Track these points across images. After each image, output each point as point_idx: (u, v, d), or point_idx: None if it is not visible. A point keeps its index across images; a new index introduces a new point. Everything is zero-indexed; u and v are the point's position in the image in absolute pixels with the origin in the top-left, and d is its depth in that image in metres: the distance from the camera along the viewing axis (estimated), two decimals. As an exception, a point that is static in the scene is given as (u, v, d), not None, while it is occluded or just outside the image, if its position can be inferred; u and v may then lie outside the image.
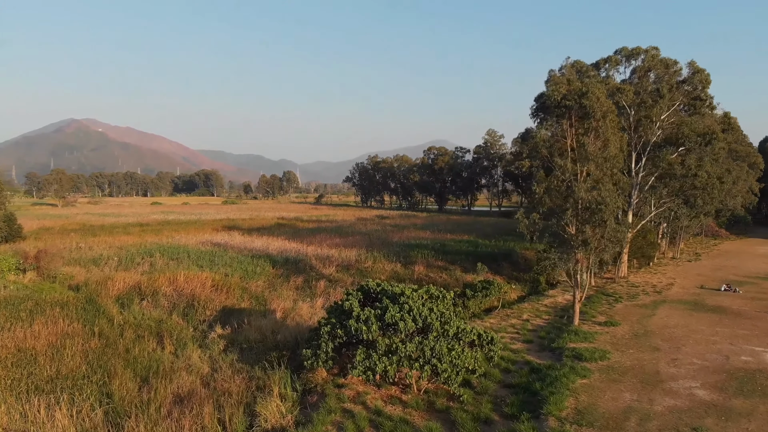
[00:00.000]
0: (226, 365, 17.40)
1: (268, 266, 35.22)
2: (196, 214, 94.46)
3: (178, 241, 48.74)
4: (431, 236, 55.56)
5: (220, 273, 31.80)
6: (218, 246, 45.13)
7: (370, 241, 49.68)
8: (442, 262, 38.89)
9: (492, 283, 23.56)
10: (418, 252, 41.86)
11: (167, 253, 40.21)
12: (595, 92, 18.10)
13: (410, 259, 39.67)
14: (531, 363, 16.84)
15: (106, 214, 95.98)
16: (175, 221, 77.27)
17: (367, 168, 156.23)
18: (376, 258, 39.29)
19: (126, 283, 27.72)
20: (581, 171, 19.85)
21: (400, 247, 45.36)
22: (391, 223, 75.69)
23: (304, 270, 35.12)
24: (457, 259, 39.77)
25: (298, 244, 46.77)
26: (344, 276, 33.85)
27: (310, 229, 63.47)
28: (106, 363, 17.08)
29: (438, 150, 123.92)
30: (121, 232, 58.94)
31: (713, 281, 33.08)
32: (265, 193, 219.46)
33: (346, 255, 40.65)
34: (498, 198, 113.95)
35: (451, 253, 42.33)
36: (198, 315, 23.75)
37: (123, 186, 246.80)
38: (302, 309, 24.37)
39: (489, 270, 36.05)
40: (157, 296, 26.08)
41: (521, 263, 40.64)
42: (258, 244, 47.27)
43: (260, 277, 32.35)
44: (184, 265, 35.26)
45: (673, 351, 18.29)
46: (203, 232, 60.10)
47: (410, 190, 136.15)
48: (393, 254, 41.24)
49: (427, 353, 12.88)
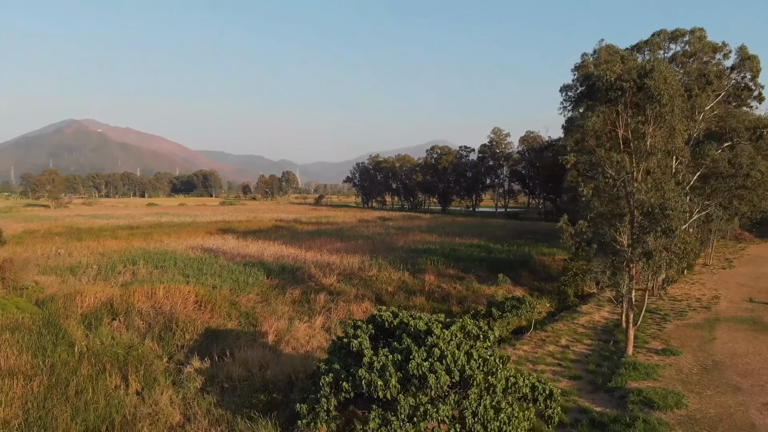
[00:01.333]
0: (202, 412, 13.84)
1: (261, 276, 31.62)
2: (191, 216, 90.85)
3: (167, 246, 45.16)
4: (438, 240, 51.96)
5: (207, 285, 28.20)
6: (209, 252, 41.52)
7: (374, 246, 46.09)
8: (455, 270, 35.27)
9: (523, 301, 19.94)
10: (426, 258, 38.25)
11: (153, 260, 36.63)
12: (662, 71, 14.52)
13: (419, 267, 36.09)
14: (589, 412, 13.25)
15: (98, 215, 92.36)
16: (167, 223, 73.68)
17: (368, 168, 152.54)
18: (382, 265, 35.68)
19: (97, 298, 24.09)
20: (638, 168, 16.25)
21: (406, 253, 41.78)
22: (394, 226, 72.09)
23: (302, 280, 31.54)
24: (470, 266, 36.16)
25: (296, 249, 43.18)
26: (347, 287, 30.25)
27: (310, 233, 59.89)
28: (48, 413, 13.49)
29: (441, 149, 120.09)
30: (109, 235, 55.32)
31: (760, 293, 29.51)
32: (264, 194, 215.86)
33: (348, 262, 37.09)
34: (504, 198, 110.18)
35: (462, 259, 38.73)
36: (176, 339, 20.15)
37: (120, 187, 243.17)
38: (299, 330, 20.78)
39: (508, 280, 32.51)
40: (131, 314, 22.48)
41: (540, 271, 37.09)
42: (253, 249, 43.67)
43: (252, 289, 28.75)
44: (169, 274, 31.70)
45: (758, 391, 14.72)
46: (196, 235, 56.53)
47: (412, 191, 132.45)
48: (399, 261, 37.66)
49: (468, 420, 9.29)
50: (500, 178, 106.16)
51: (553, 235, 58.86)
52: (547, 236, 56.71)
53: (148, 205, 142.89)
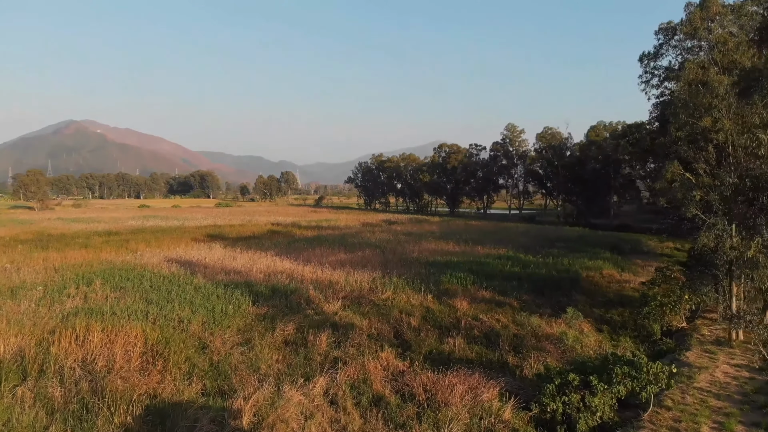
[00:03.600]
0: None
1: (246, 302, 24.59)
2: (181, 219, 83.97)
3: (140, 259, 38.23)
4: (457, 249, 44.96)
5: (171, 319, 21.24)
6: (187, 266, 34.54)
7: (384, 258, 39.12)
8: (488, 291, 28.19)
9: (638, 365, 12.79)
10: (450, 275, 31.25)
11: (115, 278, 29.70)
12: None
13: (442, 286, 29.14)
14: None
15: (80, 219, 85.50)
16: (152, 228, 66.75)
17: (371, 168, 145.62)
18: (397, 285, 28.68)
19: (7, 347, 17.07)
20: None
21: (424, 267, 34.85)
22: (402, 231, 65.09)
23: (298, 306, 24.55)
24: (506, 286, 29.11)
25: (291, 262, 36.20)
26: (355, 317, 23.23)
27: (309, 239, 52.93)
28: None
29: (450, 147, 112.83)
30: (79, 244, 48.37)
31: None
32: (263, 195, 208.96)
33: (355, 279, 30.14)
34: (519, 200, 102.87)
35: (494, 276, 31.73)
36: (99, 425, 13.09)
37: (115, 188, 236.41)
38: (289, 407, 13.74)
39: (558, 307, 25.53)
40: (46, 374, 15.48)
41: (593, 292, 30.06)
42: (240, 262, 36.70)
43: (233, 322, 21.75)
44: (128, 299, 24.74)
45: None
46: (179, 243, 49.61)
47: (418, 192, 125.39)
48: (417, 278, 30.73)
49: None
50: (514, 178, 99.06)
51: (587, 242, 51.87)
52: (580, 244, 49.69)
53: (140, 207, 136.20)
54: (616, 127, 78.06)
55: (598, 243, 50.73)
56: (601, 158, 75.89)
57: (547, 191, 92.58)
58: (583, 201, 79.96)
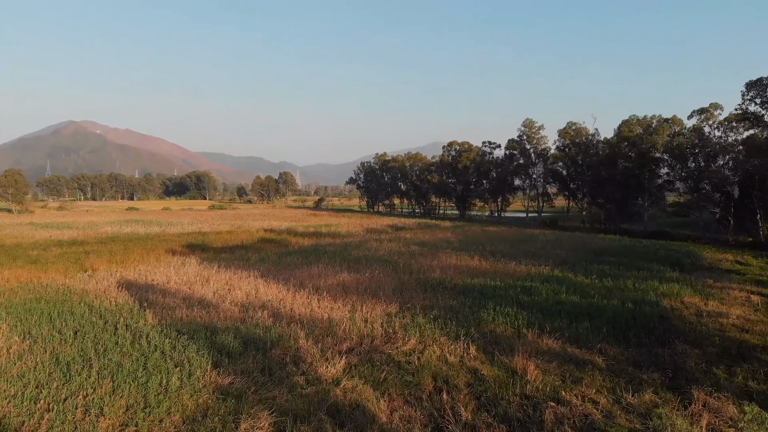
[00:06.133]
0: None
1: (203, 363, 16.34)
2: (165, 225, 75.71)
3: (86, 282, 30.14)
4: (486, 266, 36.68)
5: (69, 411, 13.06)
6: (142, 293, 26.34)
7: (398, 279, 30.86)
8: (554, 338, 19.90)
9: None
10: (494, 310, 22.99)
11: (33, 317, 21.56)
12: None
13: (485, 327, 20.95)
14: None
15: (52, 224, 77.30)
16: (126, 236, 58.53)
17: (374, 168, 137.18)
18: (423, 327, 20.45)
19: None
20: None
21: (453, 294, 26.62)
22: (413, 239, 56.80)
23: (282, 371, 16.35)
24: (576, 330, 20.85)
25: (279, 287, 27.97)
26: (367, 391, 14.99)
27: (305, 251, 44.68)
28: None
29: (461, 145, 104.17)
30: (28, 258, 40.32)
31: None
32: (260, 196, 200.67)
33: (364, 317, 21.93)
34: (537, 202, 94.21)
35: (550, 310, 23.50)
36: None
37: (108, 189, 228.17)
38: None
39: (663, 366, 17.38)
40: None
41: (693, 336, 21.67)
42: (213, 286, 28.46)
43: (174, 406, 13.56)
44: (28, 360, 16.58)
45: None
46: (150, 255, 41.45)
47: (425, 194, 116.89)
48: (448, 313, 22.60)
49: None
50: (533, 178, 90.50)
51: (637, 255, 43.54)
52: (630, 258, 41.36)
53: (127, 210, 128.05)
54: (650, 122, 69.81)
55: (649, 256, 42.47)
56: (635, 156, 67.65)
57: (570, 192, 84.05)
58: (613, 204, 71.59)
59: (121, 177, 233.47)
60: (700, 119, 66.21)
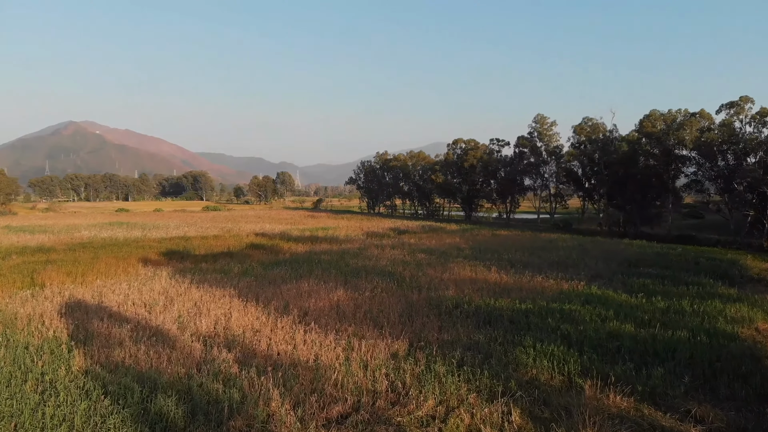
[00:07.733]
0: None
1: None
2: (148, 228, 70.38)
3: (25, 303, 24.81)
4: (507, 280, 31.27)
5: None
6: (84, 321, 20.95)
7: (405, 299, 25.42)
8: (620, 393, 14.50)
9: None
10: (534, 348, 17.59)
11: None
12: None
13: (525, 374, 15.63)
14: None
15: (28, 227, 72.03)
16: (101, 242, 53.25)
17: (374, 168, 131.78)
18: (442, 377, 15.03)
19: None
20: None
21: (477, 324, 21.24)
22: (418, 245, 51.43)
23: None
24: (648, 377, 15.48)
25: (259, 310, 22.59)
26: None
27: (297, 260, 39.33)
28: None
29: (467, 143, 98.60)
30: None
31: None
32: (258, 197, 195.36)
33: (362, 360, 16.53)
34: (549, 203, 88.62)
35: (601, 345, 18.12)
36: None
37: (102, 189, 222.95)
38: None
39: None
40: None
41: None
42: (176, 310, 23.01)
43: None
44: None
45: None
46: (119, 265, 36.10)
47: (428, 194, 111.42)
48: (475, 353, 17.23)
49: None
50: (544, 177, 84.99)
51: (676, 264, 38.09)
52: (670, 269, 35.90)
53: (117, 211, 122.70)
54: (675, 116, 64.41)
55: (690, 266, 37.11)
56: (659, 153, 62.26)
57: (586, 193, 78.50)
58: (633, 205, 66.13)
59: (115, 177, 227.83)
60: (730, 114, 60.88)
